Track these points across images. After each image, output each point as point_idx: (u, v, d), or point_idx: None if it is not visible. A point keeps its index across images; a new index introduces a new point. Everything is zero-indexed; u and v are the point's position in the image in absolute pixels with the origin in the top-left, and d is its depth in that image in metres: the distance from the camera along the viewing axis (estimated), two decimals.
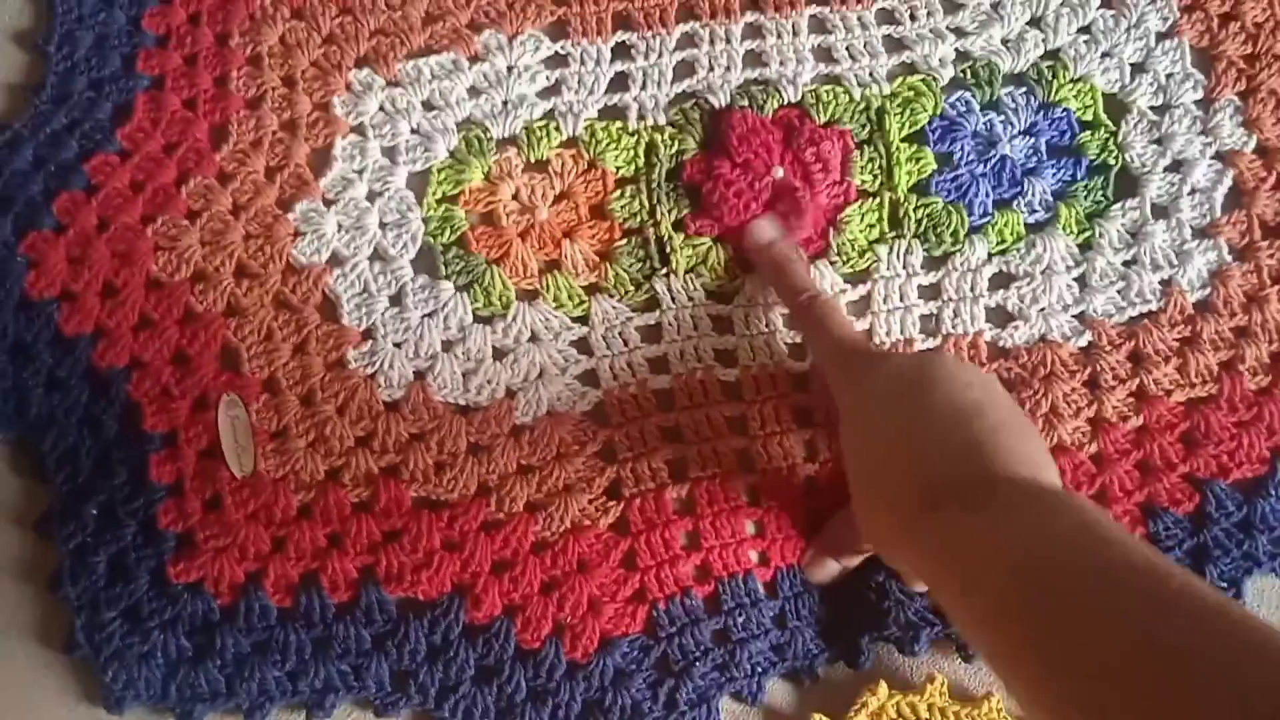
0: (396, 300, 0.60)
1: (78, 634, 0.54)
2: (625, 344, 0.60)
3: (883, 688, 0.55)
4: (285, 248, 0.60)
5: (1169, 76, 0.63)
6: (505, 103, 0.63)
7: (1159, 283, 0.60)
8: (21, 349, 0.58)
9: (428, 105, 0.63)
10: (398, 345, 0.59)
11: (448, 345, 0.59)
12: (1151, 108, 0.63)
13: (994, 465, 0.44)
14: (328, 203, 0.61)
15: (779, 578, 0.57)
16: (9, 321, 0.58)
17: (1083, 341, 0.60)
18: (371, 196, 0.61)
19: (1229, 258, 0.60)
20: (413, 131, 0.62)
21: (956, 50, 0.64)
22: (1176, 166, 0.62)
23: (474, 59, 0.63)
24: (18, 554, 0.57)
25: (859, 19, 0.64)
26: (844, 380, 0.52)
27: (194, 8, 0.64)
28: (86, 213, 0.60)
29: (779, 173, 0.60)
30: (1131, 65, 0.64)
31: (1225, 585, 0.56)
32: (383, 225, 0.61)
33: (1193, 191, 0.62)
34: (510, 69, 0.63)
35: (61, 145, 0.61)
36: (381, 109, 0.63)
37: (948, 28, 0.64)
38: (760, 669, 0.56)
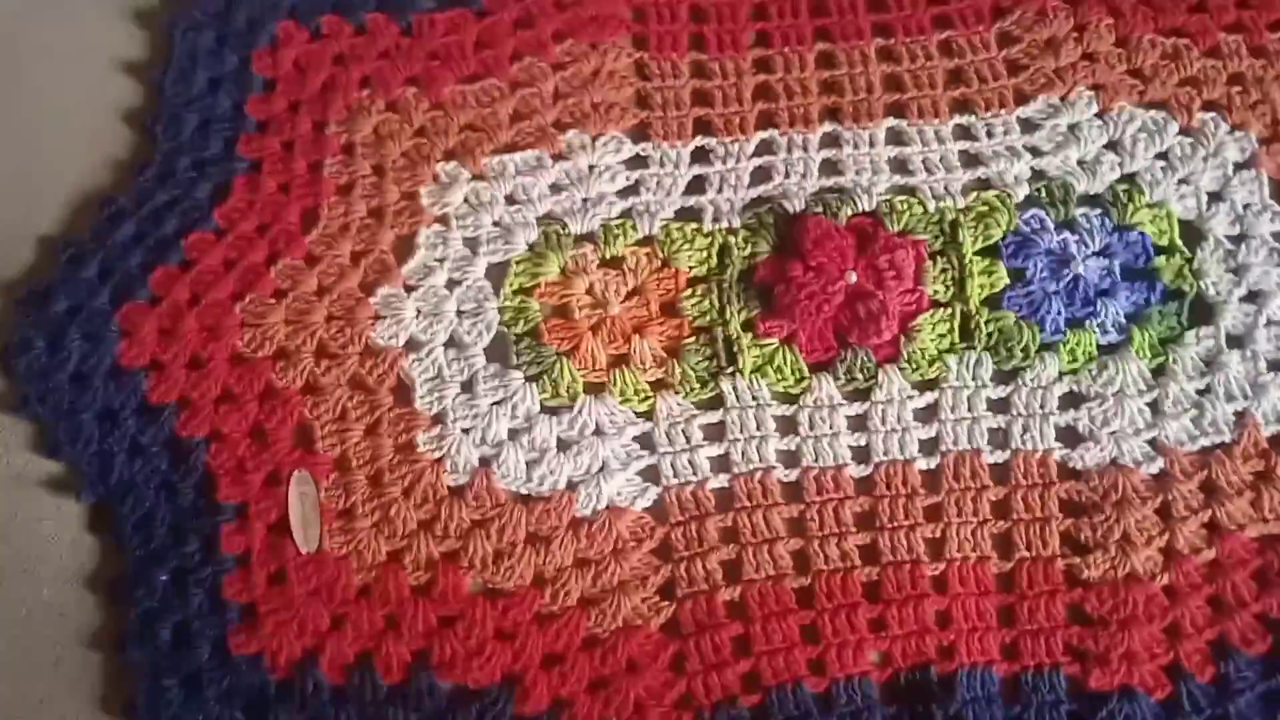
0: (468, 387, 0.62)
1: (138, 699, 0.56)
2: (688, 441, 0.60)
3: None
4: (365, 330, 0.62)
5: (1246, 206, 0.64)
6: (585, 200, 0.65)
7: (1233, 414, 0.60)
8: (109, 415, 0.61)
9: (510, 199, 0.65)
10: (466, 431, 0.61)
11: (514, 434, 0.61)
12: (1228, 236, 0.63)
13: None
14: (408, 289, 0.63)
15: (834, 690, 0.56)
16: (99, 387, 0.61)
17: (1155, 468, 0.59)
18: (451, 285, 0.64)
19: None
20: (494, 224, 0.65)
21: (1032, 169, 0.65)
22: (1253, 297, 0.62)
23: (557, 157, 0.66)
24: (88, 617, 0.58)
25: (936, 133, 0.65)
26: None
27: (294, 96, 0.67)
28: (180, 287, 0.63)
29: (852, 278, 0.61)
30: (1209, 193, 0.64)
31: None
32: (460, 313, 0.63)
33: (1269, 323, 0.61)
34: (592, 168, 0.66)
35: (162, 221, 0.64)
36: (466, 201, 0.65)
37: (1024, 146, 0.65)
38: None
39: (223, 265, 0.63)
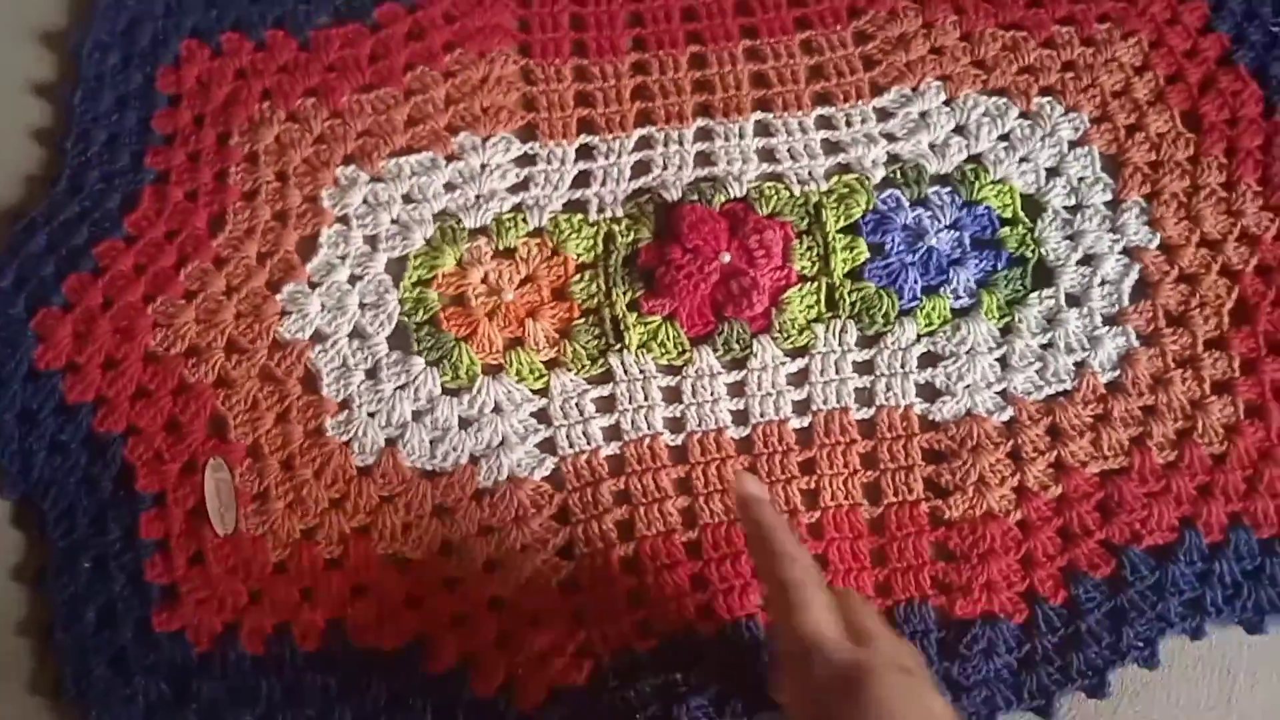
0: (372, 374, 0.66)
1: (66, 679, 0.59)
2: (581, 413, 0.65)
3: None
4: (272, 326, 0.66)
5: (1081, 180, 0.70)
6: (478, 197, 0.70)
7: (1073, 364, 0.66)
8: (28, 415, 0.64)
9: (407, 198, 0.70)
10: (371, 415, 0.65)
11: (417, 415, 0.65)
12: (1065, 207, 0.70)
13: None
14: (312, 285, 0.67)
15: (724, 631, 0.61)
16: (18, 390, 0.64)
17: (1005, 416, 0.65)
18: (353, 280, 0.68)
19: (1136, 343, 0.66)
20: (393, 222, 0.69)
21: (888, 153, 0.71)
22: (1088, 260, 0.68)
23: (450, 158, 0.71)
24: (14, 606, 0.61)
25: (799, 124, 0.71)
26: (797, 673, 0.50)
27: (199, 110, 0.71)
28: (93, 292, 0.66)
29: (726, 258, 0.67)
30: (1046, 169, 0.71)
31: (1141, 644, 0.60)
32: (362, 306, 0.67)
33: (1103, 283, 0.68)
34: (483, 167, 0.70)
35: (73, 231, 0.68)
36: (365, 201, 0.70)
37: (880, 133, 0.71)
38: None
39: (133, 270, 0.67)
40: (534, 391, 0.66)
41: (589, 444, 0.65)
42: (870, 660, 0.48)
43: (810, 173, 0.70)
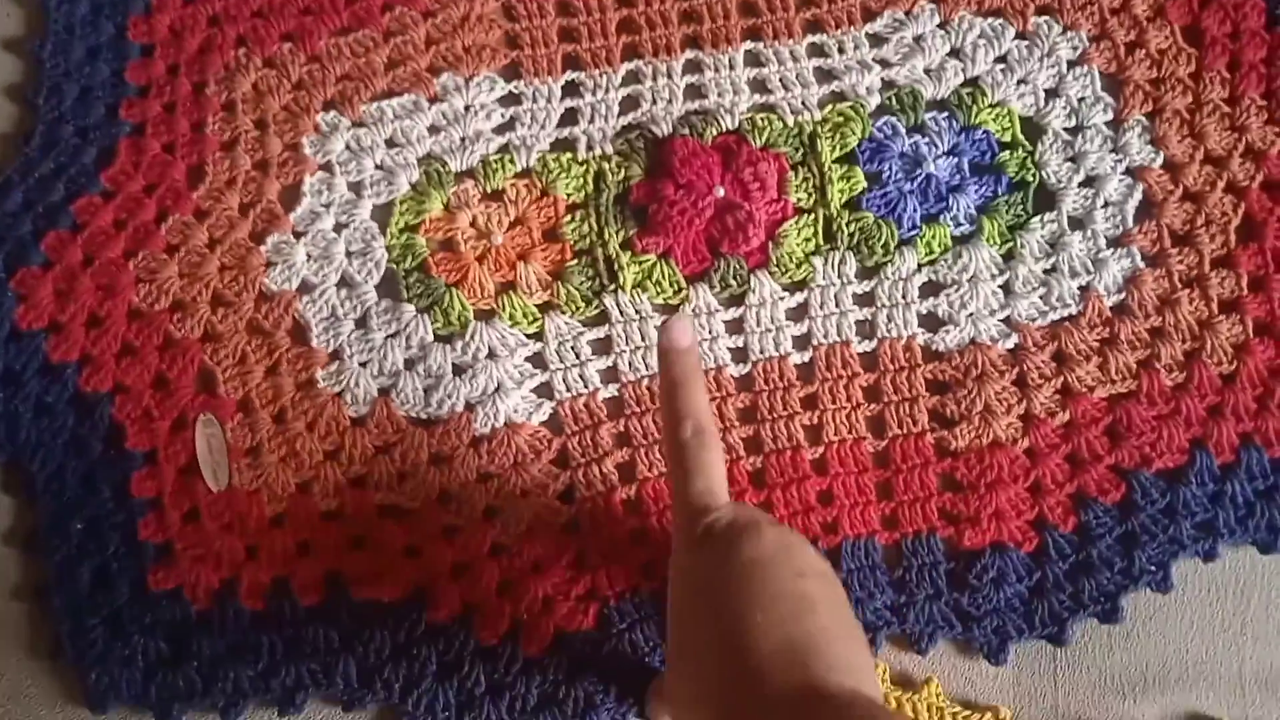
0: (362, 323, 0.64)
1: (63, 640, 0.58)
2: (577, 357, 0.64)
3: None
4: (258, 277, 0.65)
5: (1080, 100, 0.68)
6: (463, 139, 0.68)
7: (1078, 288, 0.65)
8: (12, 377, 0.62)
9: (390, 143, 0.68)
10: (363, 365, 0.63)
11: (410, 363, 0.64)
12: (1065, 129, 0.68)
13: (820, 673, 0.42)
14: (297, 235, 0.66)
15: None
16: (0, 352, 0.62)
17: (1010, 344, 0.64)
18: (338, 228, 0.66)
19: (1142, 264, 0.65)
20: (377, 167, 0.67)
21: (882, 79, 0.69)
22: (1090, 182, 0.67)
23: (433, 99, 0.68)
24: (8, 569, 0.60)
25: (790, 52, 0.69)
26: (682, 540, 0.49)
27: (172, 59, 0.69)
28: (73, 250, 0.64)
29: (720, 192, 0.65)
30: (1045, 90, 0.69)
31: (1153, 568, 0.59)
32: (349, 254, 0.66)
33: (1106, 204, 0.66)
34: (467, 108, 0.68)
35: (49, 188, 0.66)
36: (347, 148, 0.68)
37: (873, 59, 0.69)
38: None
39: (113, 226, 0.65)
40: (528, 335, 0.64)
41: (586, 387, 0.63)
42: (755, 515, 0.48)
43: (804, 102, 0.68)
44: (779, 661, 0.42)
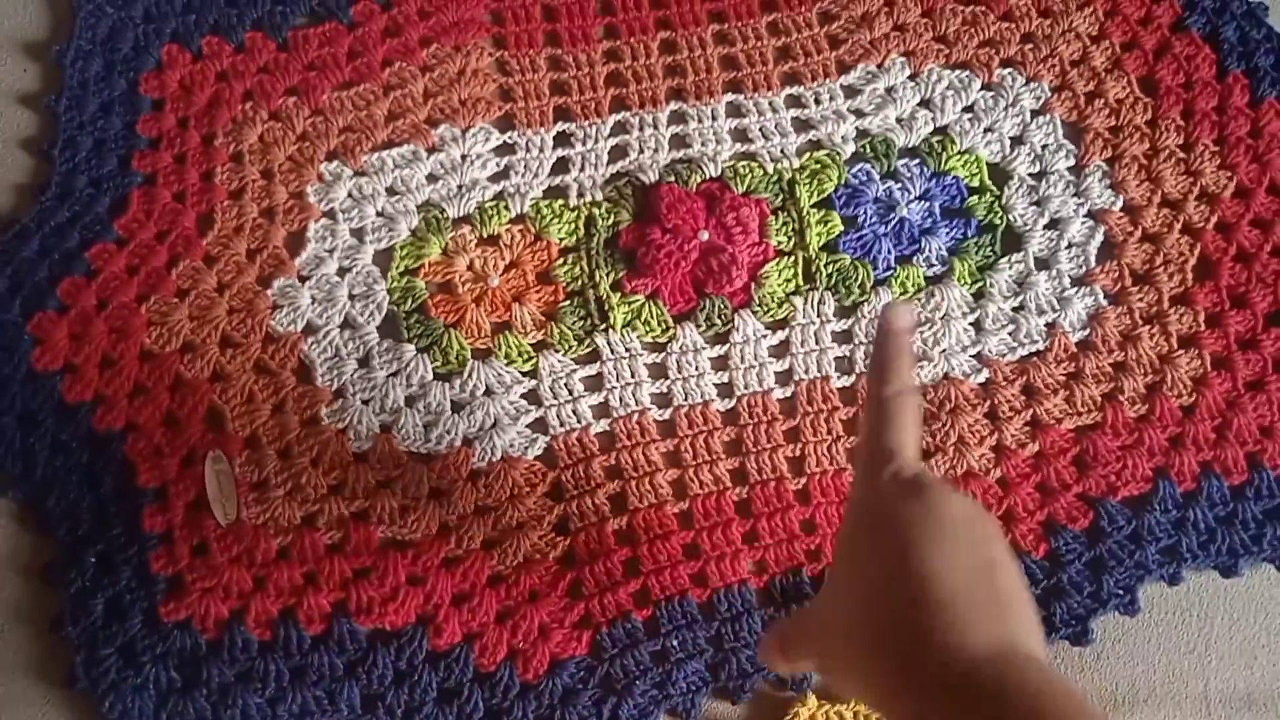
0: (364, 362, 0.67)
1: (77, 669, 0.60)
2: (570, 393, 0.66)
3: (811, 699, 0.60)
4: (264, 319, 0.67)
5: (1044, 147, 0.72)
6: (460, 186, 0.71)
7: (1044, 325, 0.68)
8: (28, 417, 0.64)
9: (391, 191, 0.71)
10: (365, 402, 0.66)
11: (410, 400, 0.66)
12: (1030, 174, 0.71)
13: (1015, 633, 0.41)
14: (302, 279, 0.68)
15: (715, 599, 0.62)
16: (17, 392, 0.64)
17: (981, 378, 0.66)
18: (341, 272, 0.69)
19: (1104, 302, 0.68)
20: (378, 214, 0.70)
21: (856, 128, 0.72)
22: (1054, 224, 0.70)
23: (431, 150, 0.71)
24: (24, 601, 0.62)
25: (770, 104, 0.73)
26: (869, 477, 0.48)
27: (183, 113, 0.72)
28: (87, 294, 0.67)
29: (704, 236, 0.68)
30: (1011, 138, 0.72)
31: (1121, 592, 0.62)
32: (351, 297, 0.68)
33: (1070, 245, 0.69)
34: (464, 157, 0.71)
35: (65, 236, 0.68)
36: (350, 195, 0.70)
37: (848, 109, 0.73)
38: (695, 687, 0.61)
39: (126, 271, 0.67)
40: (523, 373, 0.67)
41: (579, 422, 0.66)
42: (937, 477, 0.47)
43: (783, 150, 0.71)
44: (972, 613, 0.40)
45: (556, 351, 0.67)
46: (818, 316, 0.68)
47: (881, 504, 0.46)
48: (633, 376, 0.67)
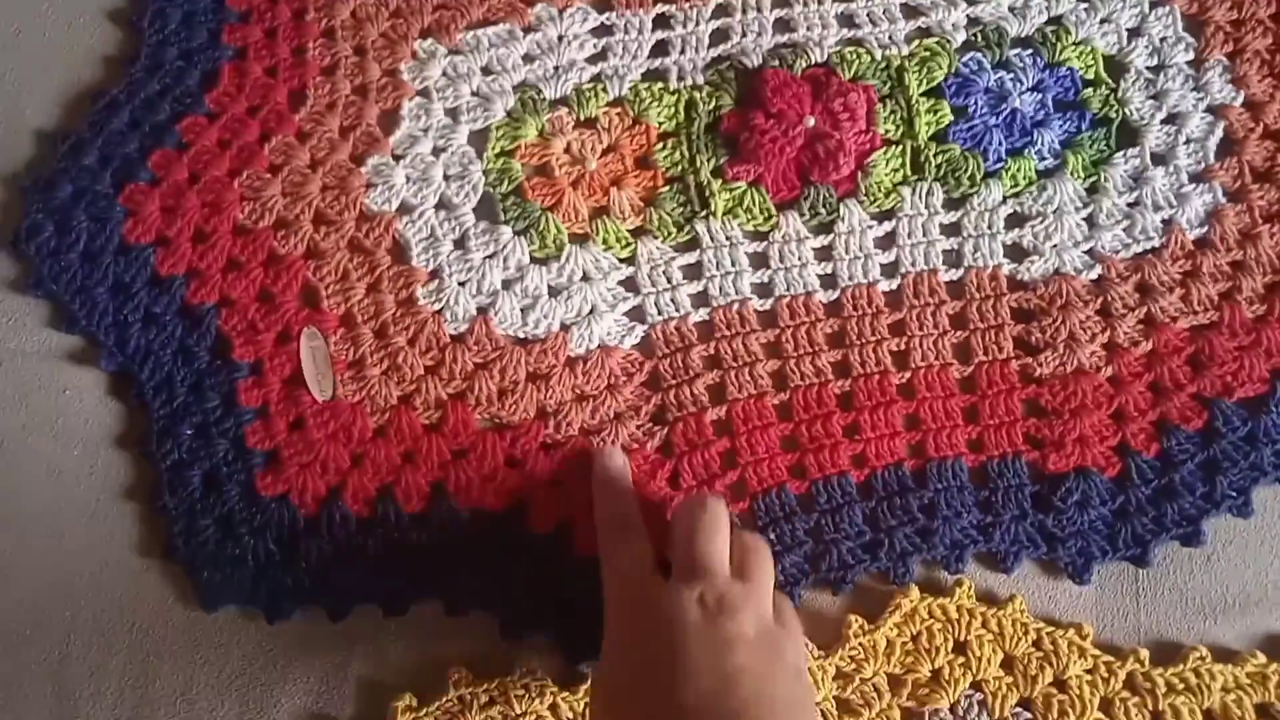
0: (460, 244, 0.63)
1: (176, 540, 0.57)
2: (669, 281, 0.63)
3: (913, 591, 0.57)
4: (359, 198, 0.64)
5: (1163, 40, 0.67)
6: (556, 68, 0.67)
7: (1161, 221, 0.63)
8: (121, 289, 0.61)
9: (486, 70, 0.67)
10: (462, 284, 0.62)
11: (507, 284, 0.63)
12: (1148, 67, 0.66)
13: None
14: (396, 158, 0.65)
15: (814, 491, 0.59)
16: (109, 264, 0.61)
17: (1094, 274, 0.62)
18: (436, 152, 0.65)
19: (1223, 199, 0.63)
20: (473, 94, 0.66)
21: (968, 16, 0.67)
22: (1172, 119, 0.65)
23: (528, 29, 0.67)
24: (118, 474, 0.60)
25: None
26: (614, 615, 0.52)
27: None
28: (179, 167, 0.63)
29: (810, 121, 0.64)
30: (1128, 30, 0.67)
31: (1234, 494, 0.58)
32: (447, 177, 0.64)
33: (1188, 141, 0.65)
34: (560, 38, 0.67)
35: (155, 108, 0.65)
36: (444, 74, 0.66)
37: None
38: (794, 579, 0.58)
39: (217, 145, 0.64)
40: (621, 260, 0.63)
41: (678, 311, 0.62)
42: (675, 586, 0.50)
43: (891, 37, 0.67)
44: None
45: (655, 238, 0.63)
46: (926, 208, 0.64)
47: (622, 640, 0.50)
48: (733, 265, 0.63)
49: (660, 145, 0.65)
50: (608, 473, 0.58)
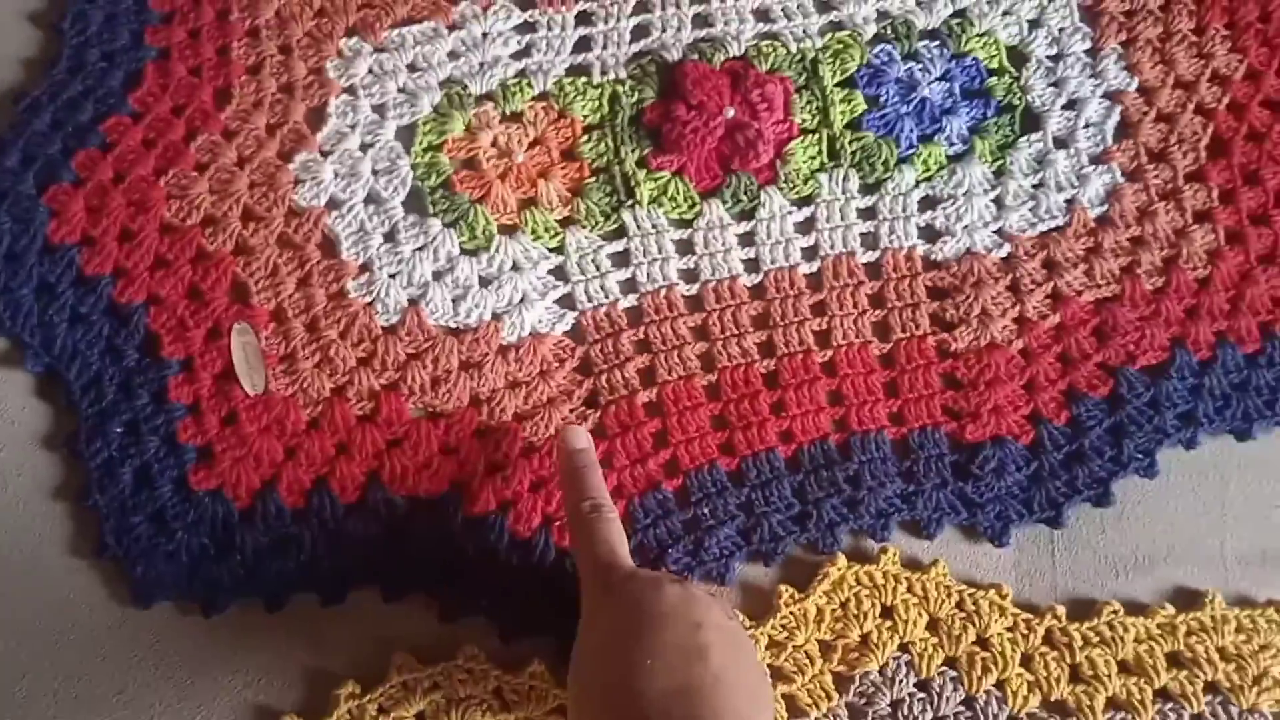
0: (390, 237, 0.64)
1: (107, 537, 0.57)
2: (598, 269, 0.64)
3: (841, 559, 0.59)
4: (287, 194, 0.64)
5: (1061, 30, 0.70)
6: (481, 64, 0.67)
7: (1064, 201, 0.66)
8: (46, 289, 0.61)
9: (412, 67, 0.67)
10: (392, 276, 0.63)
11: (438, 275, 0.63)
12: (1048, 56, 0.69)
13: (701, 716, 0.43)
14: (324, 154, 0.65)
15: (744, 467, 0.60)
16: (34, 264, 0.61)
17: (1003, 253, 0.65)
18: (364, 148, 0.65)
19: (1121, 179, 0.66)
20: (399, 90, 0.67)
21: (878, 10, 0.70)
22: (1072, 105, 0.68)
23: (452, 27, 0.68)
24: (49, 474, 0.59)
25: None
26: (588, 597, 0.51)
27: None
28: (103, 167, 0.63)
29: (730, 112, 0.66)
30: (1028, 21, 0.70)
31: (1140, 456, 0.61)
32: (375, 172, 0.65)
33: (1087, 125, 0.68)
34: (485, 35, 0.68)
35: (78, 109, 0.64)
36: (370, 71, 0.67)
37: None
38: (728, 552, 0.59)
39: (142, 145, 0.63)
40: (550, 250, 0.64)
41: (607, 297, 0.63)
42: (658, 573, 0.50)
43: (805, 30, 0.69)
44: (666, 705, 0.43)
45: (583, 227, 0.64)
46: (843, 193, 0.66)
47: (599, 617, 0.49)
48: (660, 252, 0.64)
49: (585, 137, 0.66)
50: (571, 458, 0.56)
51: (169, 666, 0.56)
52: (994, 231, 0.65)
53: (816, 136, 0.67)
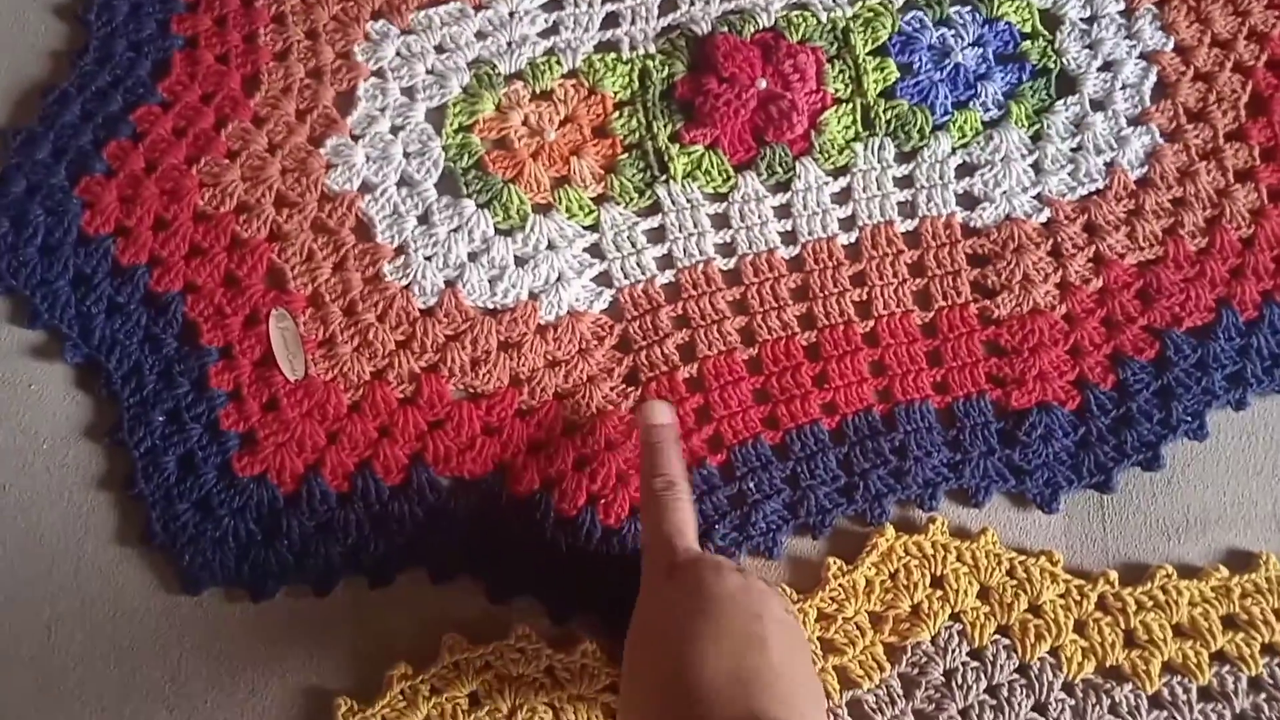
0: (424, 219, 0.63)
1: (154, 525, 0.57)
2: (633, 245, 0.63)
3: (889, 530, 0.58)
4: (319, 178, 0.63)
5: None
6: (510, 43, 0.67)
7: (1103, 164, 0.65)
8: (82, 280, 0.61)
9: (440, 49, 0.67)
10: (428, 258, 0.62)
11: (474, 256, 0.63)
12: (1082, 19, 0.68)
13: (762, 704, 0.42)
14: (355, 138, 0.64)
15: (788, 440, 0.60)
16: (69, 256, 0.61)
17: (1043, 218, 0.64)
18: (394, 130, 0.65)
19: (1161, 140, 0.65)
20: (428, 72, 0.66)
21: None
22: (1108, 67, 0.67)
23: (479, 7, 0.67)
24: (92, 464, 0.59)
25: None
26: (650, 574, 0.50)
27: None
28: (135, 157, 0.62)
29: (762, 84, 0.65)
30: None
31: (1189, 419, 0.60)
32: (406, 155, 0.64)
33: (1124, 87, 0.67)
34: (512, 14, 0.67)
35: (107, 99, 0.64)
36: (398, 54, 0.66)
37: None
38: (774, 526, 0.59)
39: (173, 134, 0.63)
40: (585, 227, 0.64)
41: (644, 274, 0.63)
42: (721, 559, 0.50)
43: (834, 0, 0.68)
44: (725, 692, 0.43)
45: (617, 204, 0.64)
46: (878, 162, 0.65)
47: (658, 597, 0.48)
48: (695, 227, 0.64)
49: (616, 114, 0.65)
50: (649, 432, 0.55)
51: (220, 652, 0.56)
52: (1033, 196, 0.64)
53: (850, 106, 0.66)
